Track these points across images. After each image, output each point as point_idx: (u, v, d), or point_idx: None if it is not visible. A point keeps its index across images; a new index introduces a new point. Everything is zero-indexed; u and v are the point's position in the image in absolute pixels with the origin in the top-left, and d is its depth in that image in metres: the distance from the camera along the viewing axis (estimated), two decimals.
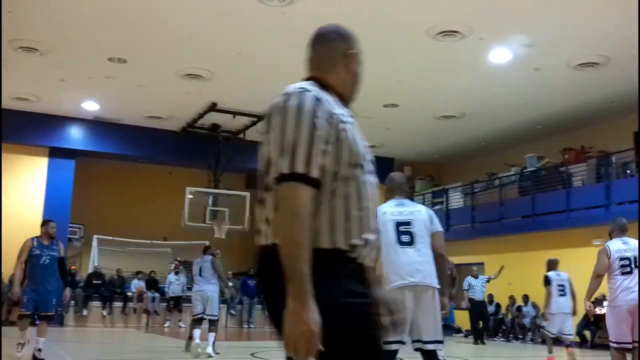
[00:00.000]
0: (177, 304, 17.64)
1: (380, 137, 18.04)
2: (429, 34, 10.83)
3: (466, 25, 10.52)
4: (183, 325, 17.29)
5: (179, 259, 18.49)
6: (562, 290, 9.85)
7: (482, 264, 17.56)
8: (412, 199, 5.26)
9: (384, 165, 20.43)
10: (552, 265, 10.25)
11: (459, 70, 12.65)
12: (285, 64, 12.50)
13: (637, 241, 6.50)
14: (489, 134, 17.31)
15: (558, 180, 15.38)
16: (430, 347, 4.51)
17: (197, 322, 9.69)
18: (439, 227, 4.85)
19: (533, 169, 16.34)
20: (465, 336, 16.12)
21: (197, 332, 9.55)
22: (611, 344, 6.45)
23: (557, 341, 10.25)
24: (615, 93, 13.77)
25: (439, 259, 4.72)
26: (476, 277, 15.02)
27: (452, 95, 14.20)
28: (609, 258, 6.49)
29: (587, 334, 13.79)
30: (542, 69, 12.36)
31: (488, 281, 15.02)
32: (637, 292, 6.13)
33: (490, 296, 16.03)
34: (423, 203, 19.19)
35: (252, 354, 10.29)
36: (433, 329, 4.54)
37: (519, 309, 15.75)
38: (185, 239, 18.26)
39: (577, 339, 13.86)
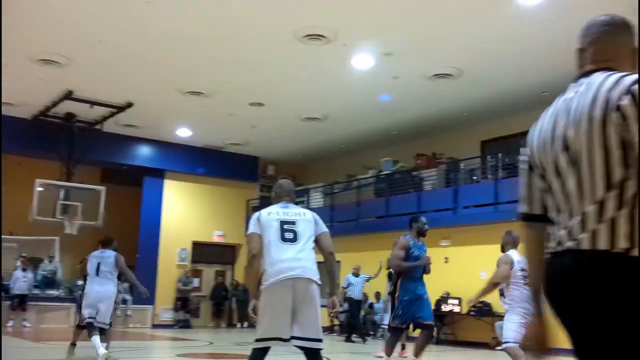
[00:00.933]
0: (22, 302, 16.57)
1: (245, 135, 18.06)
2: (295, 36, 11.01)
3: (331, 31, 10.82)
4: (28, 325, 16.24)
5: (24, 255, 17.41)
6: None
7: (338, 262, 18.08)
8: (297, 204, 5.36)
9: (247, 164, 20.50)
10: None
11: (324, 73, 12.97)
12: (148, 56, 12.17)
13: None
14: (349, 137, 17.90)
15: (411, 184, 16.19)
16: (313, 345, 4.59)
17: (83, 328, 8.38)
18: (324, 228, 5.04)
19: (388, 172, 17.10)
20: (340, 334, 16.37)
21: (96, 340, 7.97)
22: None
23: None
24: (465, 104, 14.75)
25: (329, 258, 4.95)
26: (357, 275, 14.91)
27: (316, 97, 14.53)
28: (511, 268, 6.39)
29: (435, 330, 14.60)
30: (400, 77, 12.97)
31: (368, 280, 14.95)
32: None
33: (365, 295, 16.16)
34: None
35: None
36: (313, 325, 4.62)
37: (371, 306, 16.36)
38: (33, 234, 17.20)
39: None
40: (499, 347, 11.12)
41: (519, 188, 2.26)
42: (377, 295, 16.06)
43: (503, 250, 6.58)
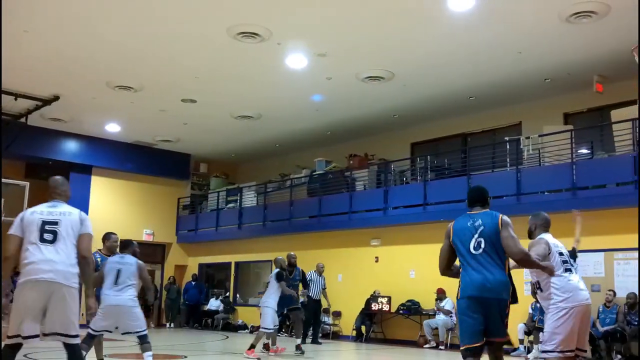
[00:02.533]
0: None
1: (176, 132, 17.78)
2: (229, 34, 10.93)
3: (265, 29, 10.79)
4: None
5: None
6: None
7: (270, 261, 18.08)
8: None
9: (180, 161, 20.20)
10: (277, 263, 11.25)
11: (258, 72, 12.92)
12: (74, 49, 11.81)
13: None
14: (283, 136, 17.90)
15: (343, 184, 16.35)
16: (65, 340, 4.77)
17: (92, 339, 7.07)
18: (87, 230, 5.03)
19: (321, 172, 17.21)
20: (251, 332, 16.34)
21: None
22: (554, 354, 5.28)
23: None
24: (396, 106, 15.01)
25: (82, 261, 4.94)
26: (320, 274, 14.09)
27: (250, 95, 14.45)
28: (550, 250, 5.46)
29: (363, 328, 14.80)
30: (334, 78, 13.08)
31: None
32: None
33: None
34: (217, 201, 19.34)
35: None
36: (63, 321, 4.74)
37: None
38: None
39: (354, 333, 14.90)
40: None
41: None
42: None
43: (531, 236, 5.71)
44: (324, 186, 16.65)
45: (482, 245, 4.72)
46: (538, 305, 9.75)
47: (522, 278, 10.79)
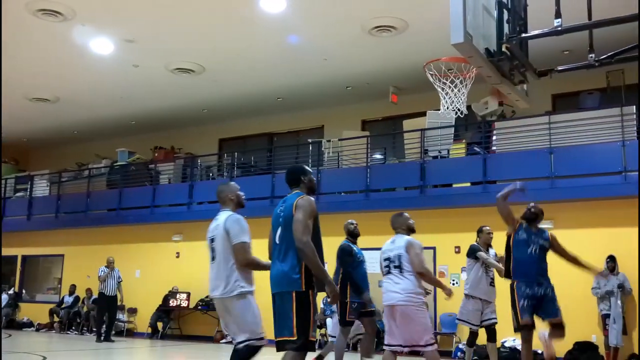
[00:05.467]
0: None
1: None
2: (28, 9, 10.13)
3: (69, 8, 10.15)
4: None
5: None
6: None
7: (62, 255, 17.04)
8: None
9: None
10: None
11: (57, 53, 12.10)
12: None
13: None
14: (83, 123, 16.95)
15: (147, 177, 15.90)
16: None
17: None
18: None
19: (123, 163, 16.57)
20: (37, 330, 15.29)
21: None
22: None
23: None
24: (206, 101, 14.95)
25: None
26: (111, 268, 13.03)
27: (47, 77, 13.48)
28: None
29: (160, 325, 14.50)
30: (142, 66, 12.69)
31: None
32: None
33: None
34: (5, 188, 17.74)
35: None
36: None
37: (95, 301, 15.65)
38: None
39: (150, 330, 14.54)
40: None
41: None
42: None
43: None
44: (126, 178, 16.04)
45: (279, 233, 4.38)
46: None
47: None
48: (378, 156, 13.69)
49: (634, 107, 10.44)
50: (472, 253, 7.96)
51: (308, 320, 4.15)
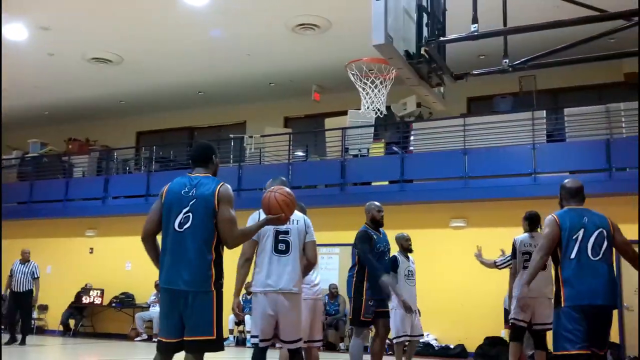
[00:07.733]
0: None
1: None
2: None
3: None
4: None
5: None
6: None
7: None
8: None
9: None
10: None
11: None
12: None
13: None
14: None
15: (60, 169, 15.34)
16: None
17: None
18: None
19: (35, 154, 15.92)
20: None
21: None
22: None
23: None
24: (124, 93, 14.57)
25: None
26: (25, 261, 11.99)
27: None
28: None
29: (72, 322, 14.05)
30: (57, 55, 12.23)
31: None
32: None
33: None
34: None
35: None
36: None
37: (4, 299, 14.98)
38: None
39: (61, 328, 14.06)
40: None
41: None
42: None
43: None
44: (38, 170, 15.41)
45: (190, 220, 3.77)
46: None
47: None
48: (300, 153, 13.76)
49: (544, 111, 11.00)
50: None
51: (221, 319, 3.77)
